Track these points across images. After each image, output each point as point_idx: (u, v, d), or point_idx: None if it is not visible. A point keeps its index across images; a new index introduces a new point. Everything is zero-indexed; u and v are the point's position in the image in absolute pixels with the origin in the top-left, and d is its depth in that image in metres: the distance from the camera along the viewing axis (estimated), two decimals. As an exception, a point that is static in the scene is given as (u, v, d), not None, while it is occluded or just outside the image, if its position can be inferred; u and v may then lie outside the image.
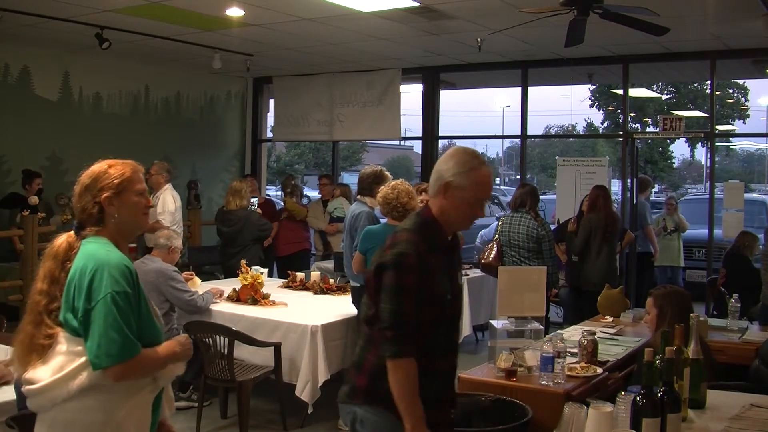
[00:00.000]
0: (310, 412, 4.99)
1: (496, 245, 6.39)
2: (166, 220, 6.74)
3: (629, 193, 8.83)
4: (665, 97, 21.73)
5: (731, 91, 22.71)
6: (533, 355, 3.60)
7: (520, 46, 7.79)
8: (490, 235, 7.07)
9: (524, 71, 8.93)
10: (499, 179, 33.46)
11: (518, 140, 9.39)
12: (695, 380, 2.87)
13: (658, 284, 8.55)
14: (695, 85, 21.43)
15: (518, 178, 10.11)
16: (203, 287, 5.81)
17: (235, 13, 6.58)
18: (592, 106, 23.44)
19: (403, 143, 28.15)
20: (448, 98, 19.04)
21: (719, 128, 19.10)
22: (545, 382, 3.39)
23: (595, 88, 21.65)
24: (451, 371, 2.61)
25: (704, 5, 6.01)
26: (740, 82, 21.86)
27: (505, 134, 24.46)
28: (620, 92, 10.27)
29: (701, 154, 27.68)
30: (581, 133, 27.03)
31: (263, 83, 11.08)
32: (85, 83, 9.08)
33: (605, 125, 23.81)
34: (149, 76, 9.78)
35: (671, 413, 2.49)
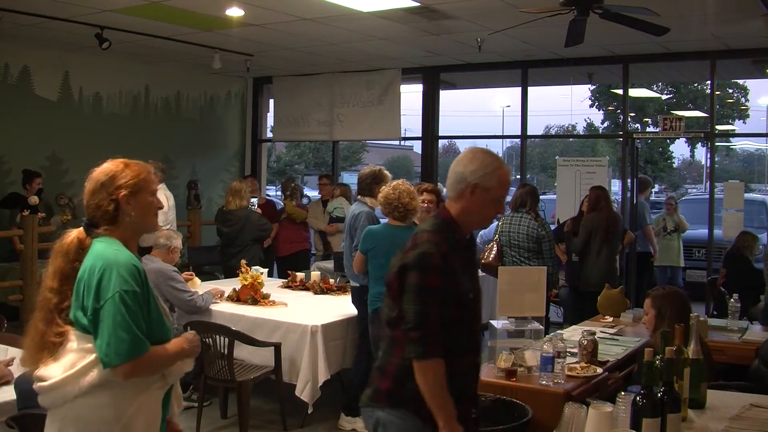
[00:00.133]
0: (310, 412, 4.99)
1: (496, 245, 6.39)
2: (158, 219, 6.72)
3: (629, 193, 8.83)
4: (665, 97, 21.73)
5: (731, 91, 22.72)
6: (533, 355, 3.60)
7: (520, 46, 7.79)
8: (490, 235, 7.05)
9: (524, 71, 8.93)
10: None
11: (518, 140, 9.40)
12: (695, 380, 2.87)
13: (658, 284, 8.59)
14: (695, 85, 21.43)
15: (518, 178, 10.10)
16: (203, 287, 5.81)
17: (235, 13, 6.58)
18: (592, 106, 23.47)
19: (403, 143, 28.18)
20: (448, 98, 19.08)
21: (719, 128, 19.11)
22: (545, 382, 3.39)
23: (595, 88, 21.65)
24: (473, 371, 2.63)
25: (704, 5, 6.01)
26: (740, 82, 21.87)
27: (505, 134, 24.35)
28: (620, 92, 10.27)
29: (701, 154, 27.74)
30: (581, 133, 27.05)
31: (263, 83, 11.08)
32: (85, 83, 9.08)
33: (605, 125, 23.82)
34: (149, 76, 9.78)
35: (671, 413, 2.49)
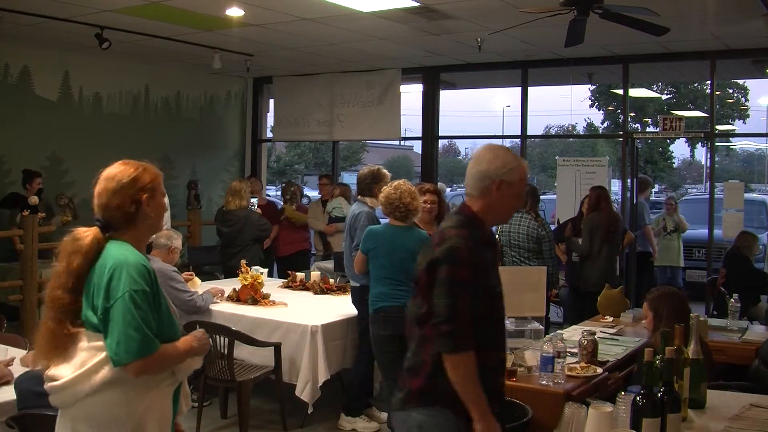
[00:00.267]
0: (310, 412, 5.00)
1: (496, 245, 6.39)
2: None
3: (629, 193, 8.83)
4: (665, 97, 21.72)
5: (731, 91, 22.71)
6: (533, 355, 3.60)
7: (520, 46, 7.78)
8: (489, 235, 7.03)
9: (524, 71, 8.93)
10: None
11: (518, 140, 9.39)
12: (695, 380, 2.87)
13: (658, 284, 8.59)
14: (695, 85, 21.42)
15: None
16: (203, 287, 5.81)
17: (235, 13, 6.58)
18: (592, 106, 23.45)
19: (403, 143, 28.19)
20: (448, 98, 19.07)
21: (719, 128, 19.10)
22: (545, 382, 3.40)
23: (595, 88, 21.64)
24: (500, 366, 2.65)
25: (704, 5, 6.00)
26: (740, 82, 21.86)
27: (505, 134, 24.41)
28: (620, 92, 10.26)
29: (701, 154, 27.73)
30: (581, 133, 27.02)
31: (263, 83, 11.08)
32: (85, 83, 9.08)
33: (605, 125, 23.80)
34: (149, 76, 9.77)
35: (671, 413, 2.49)
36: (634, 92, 12.48)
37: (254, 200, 7.98)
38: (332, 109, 10.14)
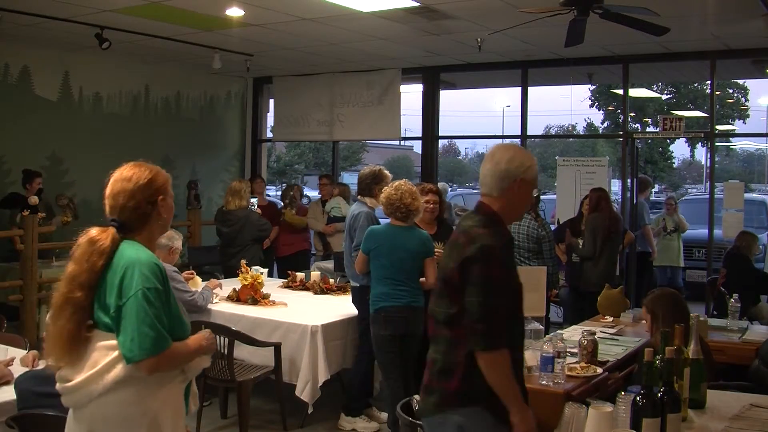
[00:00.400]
0: (310, 412, 5.00)
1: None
2: None
3: (629, 193, 8.83)
4: (665, 97, 21.72)
5: (731, 91, 22.71)
6: (533, 355, 3.59)
7: (520, 46, 7.78)
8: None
9: (524, 71, 8.93)
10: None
11: (518, 140, 9.38)
12: (695, 380, 2.87)
13: (658, 284, 8.60)
14: (695, 85, 21.42)
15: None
16: (203, 287, 5.80)
17: (235, 13, 6.58)
18: (592, 106, 23.45)
19: (403, 143, 28.18)
20: (448, 98, 19.08)
21: (719, 128, 19.10)
22: (545, 382, 3.39)
23: (595, 88, 21.63)
24: (521, 363, 2.70)
25: (704, 5, 6.00)
26: (740, 82, 21.86)
27: (505, 134, 24.22)
28: (620, 92, 10.26)
29: (701, 154, 27.73)
30: (581, 133, 27.02)
31: (263, 83, 11.08)
32: (85, 83, 9.08)
33: (605, 125, 23.80)
34: (149, 76, 9.77)
35: (671, 413, 2.49)
36: (634, 92, 12.48)
37: (254, 200, 7.97)
38: (332, 109, 10.14)
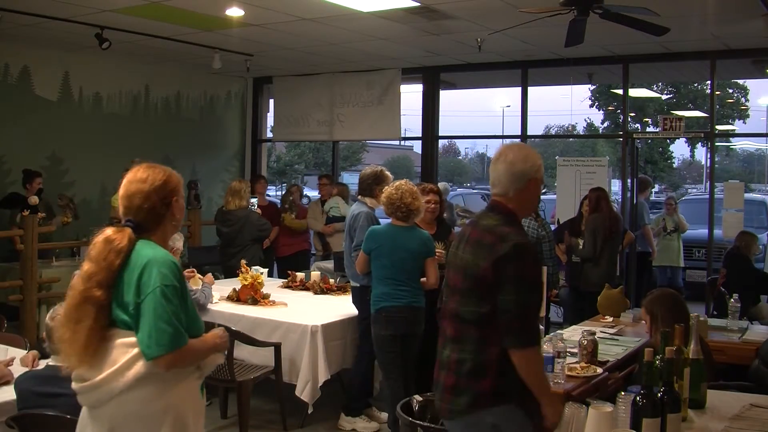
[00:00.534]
0: (310, 412, 4.99)
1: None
2: None
3: (629, 193, 8.83)
4: (665, 97, 21.72)
5: (731, 91, 22.70)
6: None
7: (520, 46, 7.78)
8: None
9: (524, 71, 8.93)
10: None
11: (518, 140, 9.38)
12: (695, 380, 2.87)
13: (658, 284, 8.60)
14: (695, 85, 21.42)
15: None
16: (203, 287, 5.81)
17: (235, 13, 6.58)
18: (592, 106, 23.45)
19: (403, 143, 28.19)
20: (448, 98, 19.09)
21: (719, 128, 19.10)
22: (545, 382, 3.39)
23: (595, 88, 21.63)
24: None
25: (704, 5, 6.00)
26: (740, 82, 21.86)
27: (505, 134, 24.25)
28: (620, 92, 10.26)
29: (701, 154, 27.73)
30: (581, 133, 27.01)
31: (263, 83, 11.08)
32: (85, 83, 9.08)
33: (605, 125, 23.80)
34: (149, 76, 9.77)
35: (671, 413, 2.49)
36: (634, 92, 12.48)
37: (254, 200, 7.97)
38: (332, 109, 10.14)
